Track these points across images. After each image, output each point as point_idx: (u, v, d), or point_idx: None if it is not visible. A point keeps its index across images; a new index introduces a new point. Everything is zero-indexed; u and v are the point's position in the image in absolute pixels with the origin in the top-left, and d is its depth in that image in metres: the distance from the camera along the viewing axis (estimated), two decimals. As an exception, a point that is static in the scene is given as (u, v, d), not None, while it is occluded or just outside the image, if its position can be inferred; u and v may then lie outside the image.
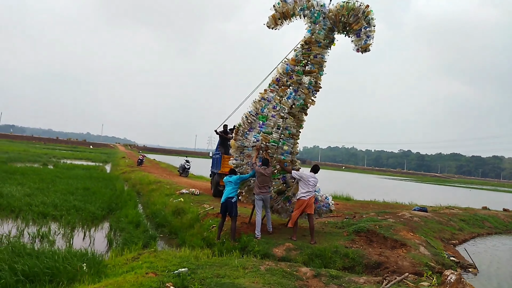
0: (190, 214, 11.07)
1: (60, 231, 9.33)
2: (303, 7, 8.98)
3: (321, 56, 9.05)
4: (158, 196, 14.95)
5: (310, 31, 9.03)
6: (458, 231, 11.99)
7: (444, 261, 8.02)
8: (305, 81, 9.06)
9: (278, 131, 9.08)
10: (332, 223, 10.58)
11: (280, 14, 9.10)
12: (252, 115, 9.19)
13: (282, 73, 9.13)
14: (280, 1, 9.04)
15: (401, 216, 11.40)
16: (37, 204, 11.33)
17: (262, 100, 9.19)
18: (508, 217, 16.01)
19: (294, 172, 8.81)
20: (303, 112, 9.22)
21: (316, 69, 9.04)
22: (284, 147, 9.08)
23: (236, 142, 9.30)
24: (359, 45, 8.60)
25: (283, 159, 9.13)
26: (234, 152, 9.39)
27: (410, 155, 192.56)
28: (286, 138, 9.12)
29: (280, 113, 9.06)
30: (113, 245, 8.72)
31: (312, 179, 8.59)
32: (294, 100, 9.01)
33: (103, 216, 11.42)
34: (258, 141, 9.03)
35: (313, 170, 8.90)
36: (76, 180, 17.55)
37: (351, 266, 7.47)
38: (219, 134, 15.03)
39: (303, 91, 9.01)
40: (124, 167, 30.37)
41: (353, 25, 8.56)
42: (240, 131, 9.28)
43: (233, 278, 5.77)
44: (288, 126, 9.10)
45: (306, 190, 8.50)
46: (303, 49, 9.05)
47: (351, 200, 18.52)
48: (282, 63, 9.26)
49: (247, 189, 9.44)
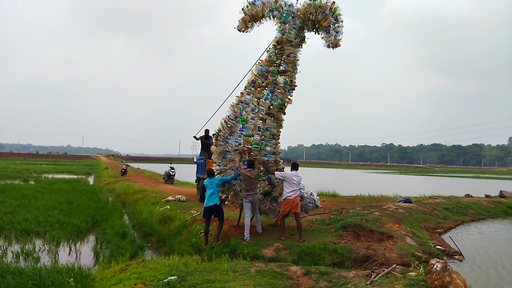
0: (178, 221, 10.99)
1: (44, 247, 9.14)
2: (272, 8, 9.09)
3: (294, 55, 9.14)
4: (144, 205, 14.79)
5: (280, 31, 9.13)
6: (442, 220, 12.22)
7: (431, 250, 8.16)
8: (280, 81, 9.15)
9: (259, 133, 9.11)
10: (320, 220, 10.65)
11: (250, 17, 9.18)
12: (231, 119, 9.20)
13: (257, 74, 9.19)
14: (249, 4, 9.11)
15: (387, 209, 11.56)
16: (19, 221, 11.07)
17: (239, 104, 9.22)
18: (490, 203, 16.39)
19: (277, 173, 8.84)
20: (282, 111, 9.28)
21: (290, 68, 9.13)
22: (266, 148, 9.11)
23: (218, 147, 9.29)
24: (329, 41, 8.77)
25: (267, 160, 9.15)
26: (217, 158, 9.37)
27: (392, 148, 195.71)
28: (268, 139, 9.16)
29: (259, 115, 9.10)
30: (100, 258, 8.58)
31: (295, 177, 8.63)
32: (272, 101, 9.06)
33: (88, 229, 11.23)
34: (240, 144, 9.03)
35: (294, 167, 8.94)
36: (58, 194, 17.22)
37: (340, 261, 7.54)
38: (198, 139, 15.01)
39: (279, 91, 9.09)
40: (107, 178, 29.95)
41: (321, 22, 8.72)
42: (220, 136, 9.27)
43: (224, 283, 5.75)
44: (268, 127, 9.14)
45: (291, 189, 8.54)
46: (275, 49, 9.14)
47: (337, 196, 18.68)
48: (256, 65, 9.32)
49: (233, 194, 9.43)
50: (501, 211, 15.55)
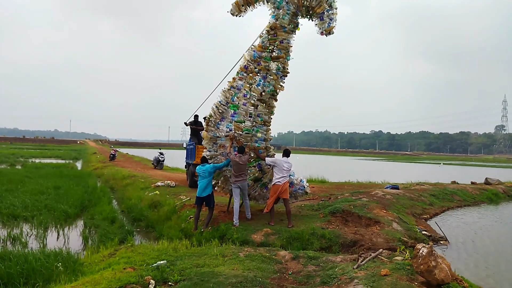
0: (167, 207, 10.98)
1: (32, 232, 9.08)
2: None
3: (287, 41, 9.07)
4: (133, 191, 14.73)
5: (274, 17, 9.02)
6: (428, 206, 12.42)
7: (417, 236, 8.31)
8: (273, 67, 9.08)
9: (250, 119, 9.08)
10: (309, 205, 10.74)
11: (244, 1, 9.04)
12: (222, 104, 9.13)
13: (250, 60, 9.09)
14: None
15: (374, 195, 11.70)
16: (6, 206, 10.96)
17: (231, 89, 9.14)
18: (476, 189, 16.69)
19: (268, 159, 8.85)
20: (273, 98, 9.25)
21: (283, 54, 9.05)
22: (257, 134, 9.10)
23: (209, 133, 9.23)
24: (323, 28, 8.71)
25: (258, 146, 9.15)
26: (207, 143, 9.31)
27: (381, 135, 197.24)
28: (259, 125, 9.14)
29: (250, 101, 9.05)
30: (89, 242, 8.56)
31: (286, 164, 8.65)
32: (264, 87, 9.01)
33: (76, 214, 11.17)
34: (231, 130, 9.00)
35: (285, 154, 8.94)
36: (46, 179, 17.05)
37: (328, 246, 7.64)
38: (188, 125, 14.94)
39: (271, 77, 9.02)
40: (95, 163, 29.71)
41: (315, 8, 8.63)
42: (211, 121, 9.20)
43: (213, 267, 5.79)
44: (259, 113, 9.11)
45: (280, 175, 8.57)
46: (269, 35, 9.04)
47: (326, 183, 18.82)
48: (249, 50, 9.21)
49: (223, 179, 9.42)
50: (486, 197, 15.87)
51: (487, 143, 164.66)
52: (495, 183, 19.29)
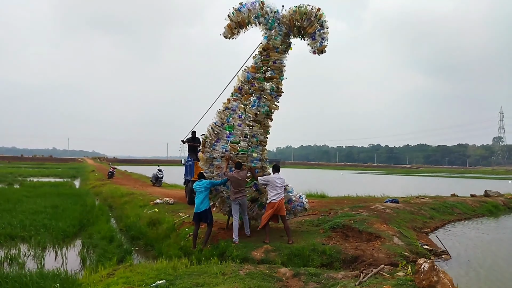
0: (166, 224, 10.90)
1: (30, 252, 8.99)
2: (257, 14, 9.10)
3: (280, 61, 9.19)
4: (132, 208, 14.64)
5: (266, 38, 9.16)
6: (429, 220, 12.36)
7: (418, 250, 8.25)
8: (267, 87, 9.21)
9: (245, 140, 9.16)
10: (309, 221, 10.68)
11: (236, 23, 9.19)
12: (218, 125, 9.20)
13: (244, 81, 9.21)
14: (235, 11, 9.11)
15: (374, 209, 11.64)
16: (3, 226, 10.89)
17: (226, 110, 9.22)
18: (476, 202, 16.63)
19: (260, 178, 8.87)
20: (269, 118, 9.34)
21: (276, 74, 9.19)
22: (253, 154, 9.15)
23: (205, 154, 9.26)
24: (315, 47, 8.82)
25: (254, 166, 9.17)
26: (204, 165, 9.32)
27: (379, 148, 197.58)
28: (254, 146, 9.21)
29: (246, 121, 9.14)
30: (87, 262, 8.47)
31: (278, 180, 8.66)
32: (259, 108, 9.11)
33: (74, 233, 11.08)
34: (227, 151, 9.05)
35: (276, 170, 8.96)
36: (44, 198, 16.99)
37: (329, 262, 7.56)
38: (185, 143, 14.99)
39: (266, 97, 9.14)
40: (94, 181, 29.60)
41: (307, 28, 8.77)
42: (207, 143, 9.24)
43: (213, 286, 5.72)
44: (255, 133, 9.20)
45: (275, 192, 8.55)
46: (261, 56, 9.18)
47: (326, 197, 18.74)
48: (242, 71, 9.34)
49: (220, 201, 9.44)
50: (486, 210, 15.79)
51: (485, 155, 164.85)
52: (495, 195, 19.23)
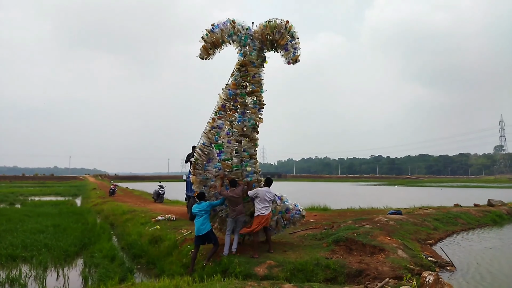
0: (168, 241, 10.82)
1: (31, 273, 8.90)
2: (230, 33, 9.39)
3: (258, 75, 9.46)
4: (133, 226, 14.56)
5: (241, 54, 9.43)
6: (433, 231, 12.26)
7: (423, 262, 8.16)
8: (249, 101, 9.43)
9: (237, 155, 9.22)
10: (312, 235, 10.61)
11: (210, 44, 9.43)
12: (206, 146, 9.25)
13: (226, 98, 9.38)
14: (208, 32, 9.35)
15: (378, 221, 11.57)
16: (5, 247, 10.82)
17: (212, 129, 9.29)
18: (479, 212, 16.53)
19: (250, 192, 8.91)
20: (255, 131, 9.47)
21: (257, 88, 9.40)
22: (247, 168, 9.19)
23: (197, 176, 9.25)
24: (289, 57, 9.12)
25: (250, 180, 9.19)
26: (198, 187, 9.29)
27: (381, 159, 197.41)
28: (246, 160, 9.26)
29: (234, 137, 9.25)
30: (89, 282, 8.39)
31: (268, 194, 8.73)
32: (245, 122, 9.25)
33: (76, 252, 11.00)
34: (220, 169, 9.07)
35: (267, 183, 9.04)
36: (45, 217, 16.95)
37: (333, 277, 7.48)
38: (188, 161, 15.06)
39: (250, 111, 9.30)
40: (95, 199, 29.51)
41: (279, 41, 9.11)
42: (198, 165, 9.25)
43: (216, 303, 5.65)
44: (245, 148, 9.29)
45: (262, 205, 8.63)
46: (240, 72, 9.40)
47: (328, 210, 18.65)
48: (223, 89, 9.51)
49: (220, 221, 9.45)
50: (490, 220, 15.69)
51: (487, 164, 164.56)
52: (498, 205, 19.13)
